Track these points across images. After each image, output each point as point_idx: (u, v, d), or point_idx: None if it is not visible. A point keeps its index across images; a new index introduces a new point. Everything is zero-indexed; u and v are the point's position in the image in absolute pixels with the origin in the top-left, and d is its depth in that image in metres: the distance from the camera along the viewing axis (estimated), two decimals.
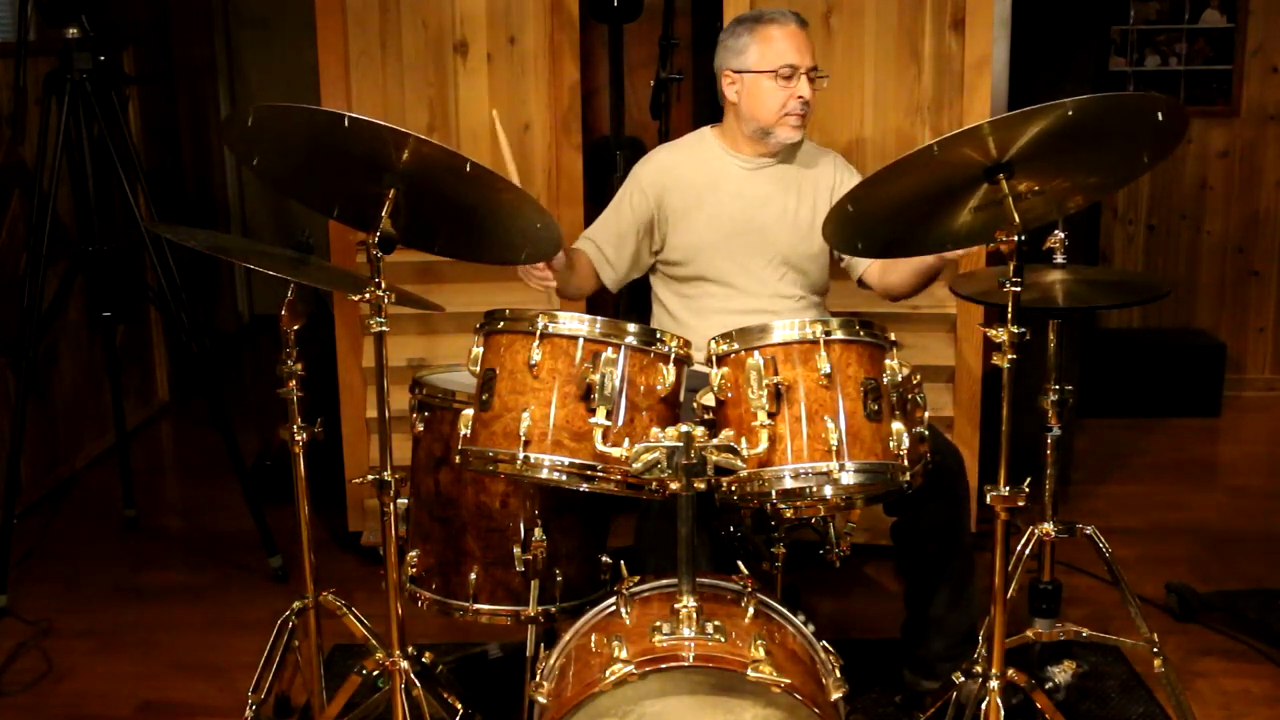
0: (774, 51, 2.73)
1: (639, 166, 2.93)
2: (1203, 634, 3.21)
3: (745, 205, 2.84)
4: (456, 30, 3.41)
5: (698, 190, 2.85)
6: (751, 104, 2.79)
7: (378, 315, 2.15)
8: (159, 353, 5.26)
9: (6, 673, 3.11)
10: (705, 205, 2.84)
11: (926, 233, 2.35)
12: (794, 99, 2.74)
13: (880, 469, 2.16)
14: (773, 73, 2.73)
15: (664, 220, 2.87)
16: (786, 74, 2.73)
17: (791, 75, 2.73)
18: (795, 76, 2.73)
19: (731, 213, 2.84)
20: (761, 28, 2.75)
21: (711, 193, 2.85)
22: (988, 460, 3.37)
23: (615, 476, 2.13)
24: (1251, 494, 4.25)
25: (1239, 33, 5.04)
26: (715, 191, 2.85)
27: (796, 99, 2.74)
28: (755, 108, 2.78)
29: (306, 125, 2.14)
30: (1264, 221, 5.18)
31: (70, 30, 3.42)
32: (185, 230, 2.63)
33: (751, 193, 2.85)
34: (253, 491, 3.64)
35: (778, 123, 2.77)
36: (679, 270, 2.88)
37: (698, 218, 2.84)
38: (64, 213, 4.00)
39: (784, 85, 2.74)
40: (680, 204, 2.85)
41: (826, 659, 2.11)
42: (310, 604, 2.60)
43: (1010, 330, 2.12)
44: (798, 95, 2.74)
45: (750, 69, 2.76)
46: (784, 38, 2.73)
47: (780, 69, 2.73)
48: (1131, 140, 2.14)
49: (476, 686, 2.87)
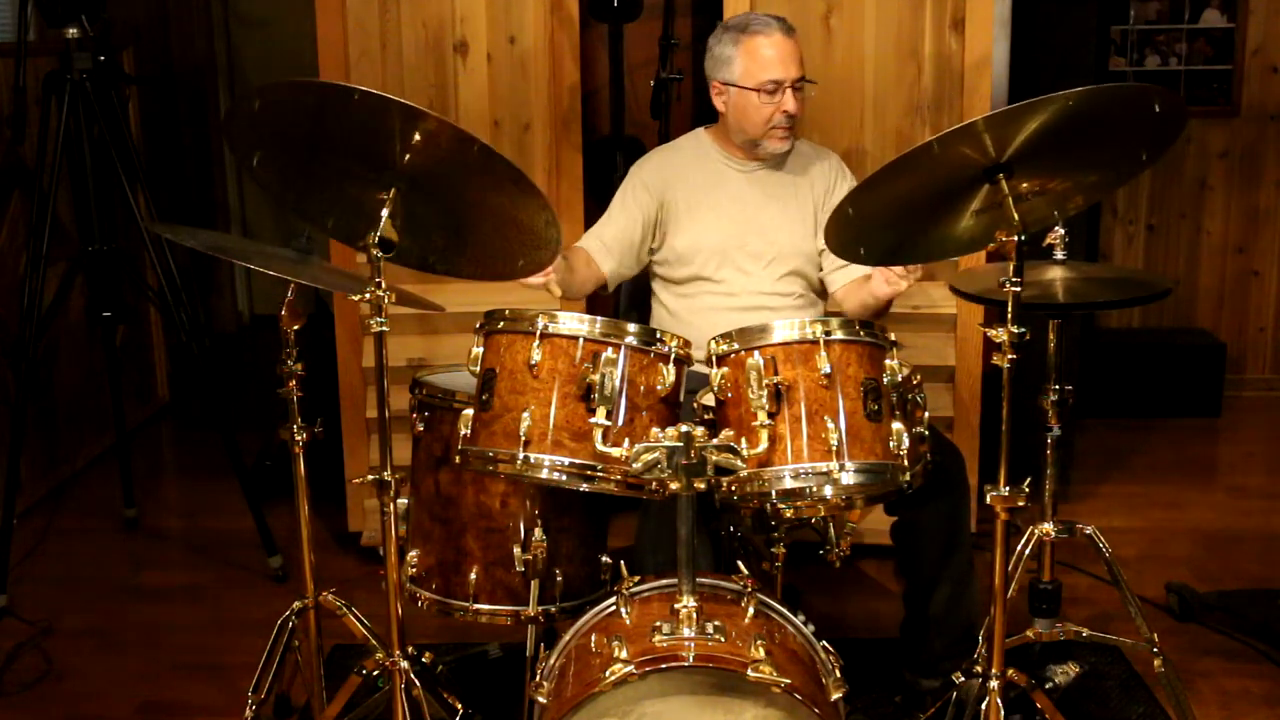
0: (758, 66, 2.73)
1: (639, 165, 2.94)
2: (1203, 634, 3.21)
3: (744, 207, 2.85)
4: (456, 30, 3.41)
5: (699, 190, 2.86)
6: (738, 117, 2.80)
7: (378, 315, 2.14)
8: (159, 353, 5.26)
9: (6, 673, 3.11)
10: (706, 206, 2.85)
11: (928, 238, 2.34)
12: (779, 113, 2.75)
13: (880, 469, 2.16)
14: (756, 89, 2.74)
15: (666, 218, 2.87)
16: (771, 89, 2.73)
17: (776, 90, 2.73)
18: (780, 91, 2.74)
19: (731, 214, 2.84)
20: (746, 39, 2.74)
21: (711, 193, 2.86)
22: (988, 460, 3.37)
23: (615, 476, 2.13)
24: (1251, 494, 4.25)
25: (1239, 33, 5.04)
26: (715, 192, 2.86)
27: (782, 113, 2.75)
28: (742, 121, 2.80)
29: (313, 107, 2.10)
30: (1264, 221, 5.18)
31: (70, 30, 3.42)
32: (185, 230, 2.62)
33: (749, 194, 2.86)
34: (253, 491, 3.63)
35: (765, 135, 2.79)
36: (677, 271, 2.88)
37: (698, 218, 2.85)
38: (64, 213, 4.00)
39: (769, 100, 2.74)
40: (682, 202, 2.86)
41: (826, 659, 2.11)
42: (310, 604, 2.59)
43: (1010, 330, 2.12)
44: (783, 110, 2.74)
45: (735, 83, 2.76)
46: (769, 50, 2.73)
47: (764, 84, 2.73)
48: (1130, 135, 2.14)
49: (476, 686, 2.87)
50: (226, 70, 6.53)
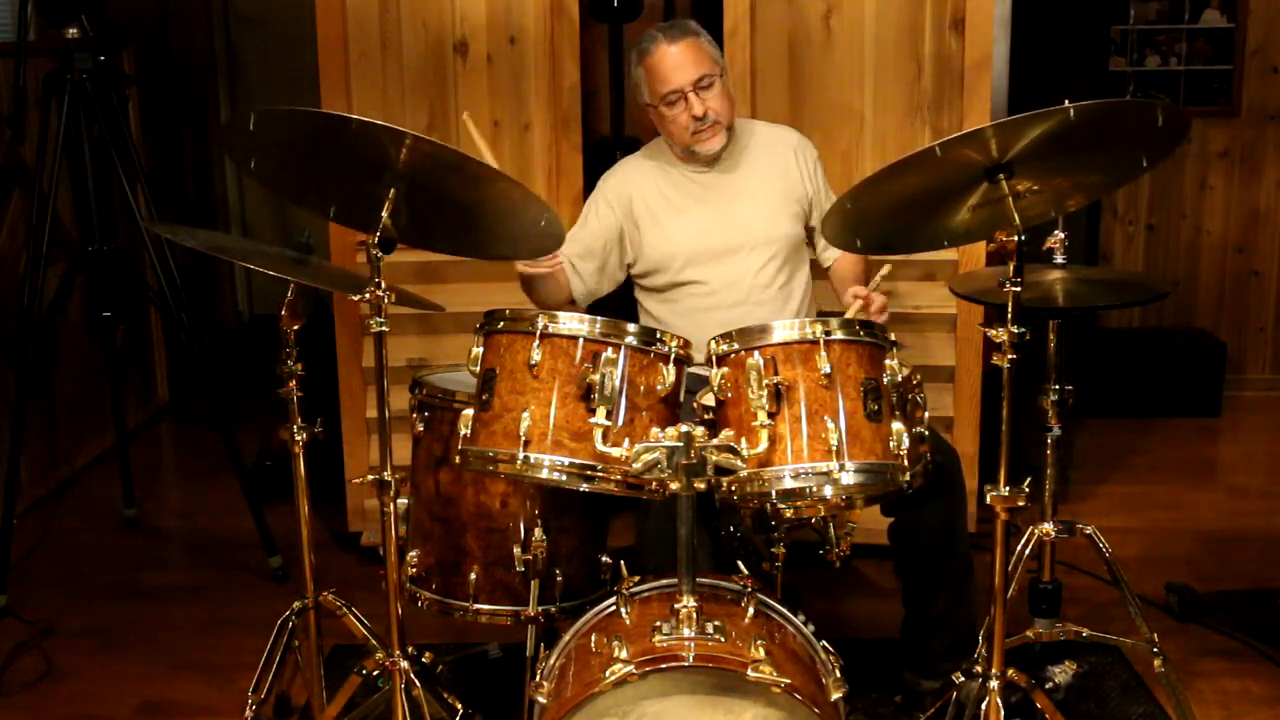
0: (656, 81, 2.79)
1: (604, 180, 2.99)
2: (1203, 634, 3.21)
3: (710, 206, 2.89)
4: (456, 30, 3.41)
5: (662, 198, 2.89)
6: (665, 132, 2.87)
7: (378, 315, 2.15)
8: (159, 353, 5.26)
9: (6, 673, 3.11)
10: (672, 211, 2.89)
11: (925, 230, 2.35)
12: (690, 119, 2.77)
13: (880, 469, 2.16)
14: (661, 104, 2.78)
15: (634, 230, 2.90)
16: (673, 99, 2.77)
17: (678, 99, 2.77)
18: (682, 98, 2.76)
19: (699, 216, 2.89)
20: (643, 60, 2.81)
21: (675, 199, 2.90)
22: (988, 460, 3.37)
23: (615, 476, 2.13)
24: (1251, 494, 4.25)
25: (1239, 33, 5.04)
26: (678, 198, 2.90)
27: (692, 118, 2.77)
28: (668, 135, 2.87)
29: (308, 128, 2.14)
30: (1264, 221, 5.17)
31: (70, 30, 3.42)
32: (185, 230, 2.62)
33: (712, 194, 2.90)
34: (253, 491, 3.63)
35: (691, 142, 2.82)
36: (657, 279, 2.91)
37: (667, 224, 2.88)
38: (64, 213, 4.00)
39: (677, 109, 2.78)
40: (648, 214, 2.89)
41: (826, 659, 2.11)
42: (310, 604, 2.59)
43: (1010, 330, 2.12)
44: (692, 115, 2.77)
45: (647, 102, 2.84)
46: (661, 64, 2.77)
47: (666, 96, 2.77)
48: (1131, 142, 2.14)
49: (476, 686, 2.87)
50: (226, 70, 6.53)
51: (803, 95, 3.41)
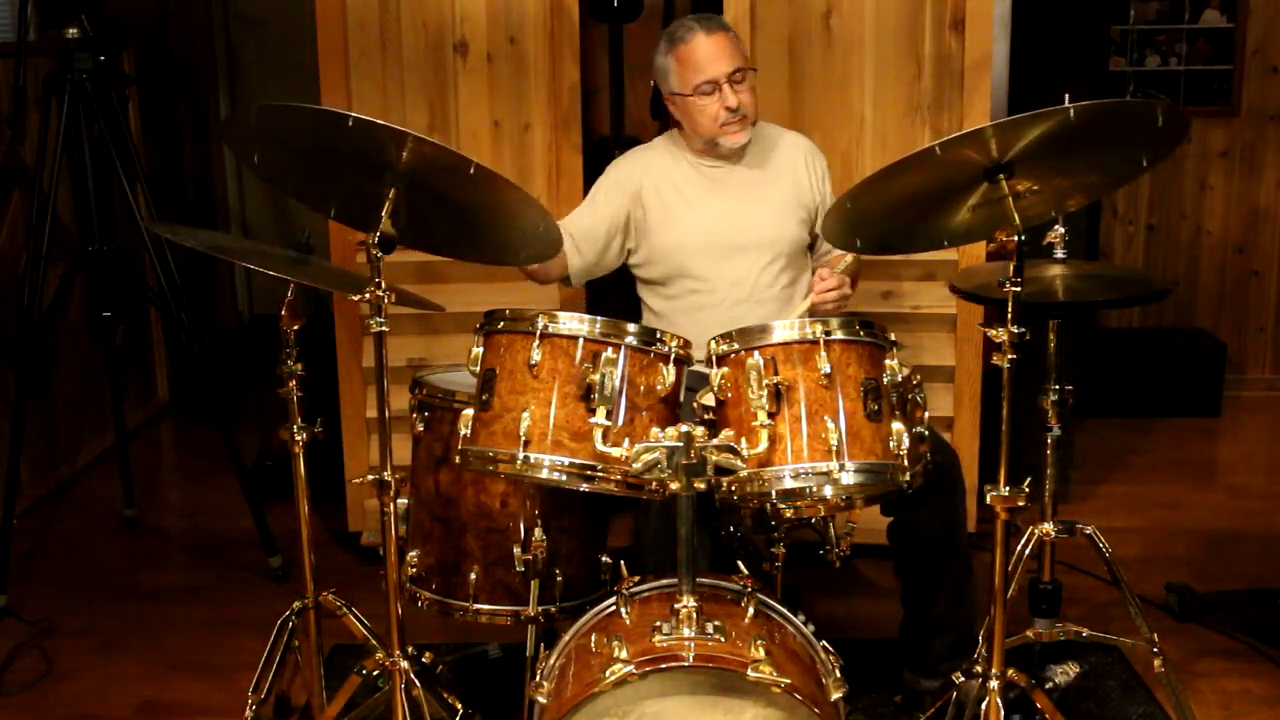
0: (690, 70, 2.77)
1: (615, 165, 2.97)
2: (1203, 634, 3.21)
3: (719, 203, 2.89)
4: (456, 30, 3.41)
5: (673, 190, 2.89)
6: (690, 122, 2.85)
7: (378, 315, 2.15)
8: (159, 353, 5.26)
9: (6, 673, 3.11)
10: (681, 205, 2.88)
11: (925, 230, 2.35)
12: (723, 110, 2.77)
13: (880, 469, 2.16)
14: (694, 93, 2.77)
15: (642, 220, 2.89)
16: (708, 90, 2.76)
17: (713, 89, 2.76)
18: (717, 89, 2.76)
19: (706, 212, 2.88)
20: (675, 48, 2.80)
21: (686, 193, 2.89)
22: (988, 460, 3.37)
23: (615, 476, 2.13)
24: (1251, 494, 4.25)
25: (1239, 33, 5.04)
26: (689, 192, 2.89)
27: (725, 110, 2.77)
28: (694, 125, 2.84)
29: (308, 125, 2.14)
30: (1264, 221, 5.17)
31: (70, 30, 3.42)
32: (185, 230, 2.62)
33: (722, 191, 2.89)
34: (253, 491, 3.64)
35: (718, 134, 2.82)
36: (657, 271, 2.90)
37: (675, 217, 2.88)
38: (64, 213, 4.00)
39: (710, 100, 2.77)
40: (657, 203, 2.88)
41: (826, 659, 2.11)
42: (310, 604, 2.59)
43: (1010, 330, 2.12)
44: (725, 106, 2.77)
45: (675, 91, 2.81)
46: (696, 53, 2.76)
47: (700, 87, 2.76)
48: (1131, 142, 2.14)
49: (476, 686, 2.87)
50: (226, 70, 6.53)
51: (803, 95, 3.41)
